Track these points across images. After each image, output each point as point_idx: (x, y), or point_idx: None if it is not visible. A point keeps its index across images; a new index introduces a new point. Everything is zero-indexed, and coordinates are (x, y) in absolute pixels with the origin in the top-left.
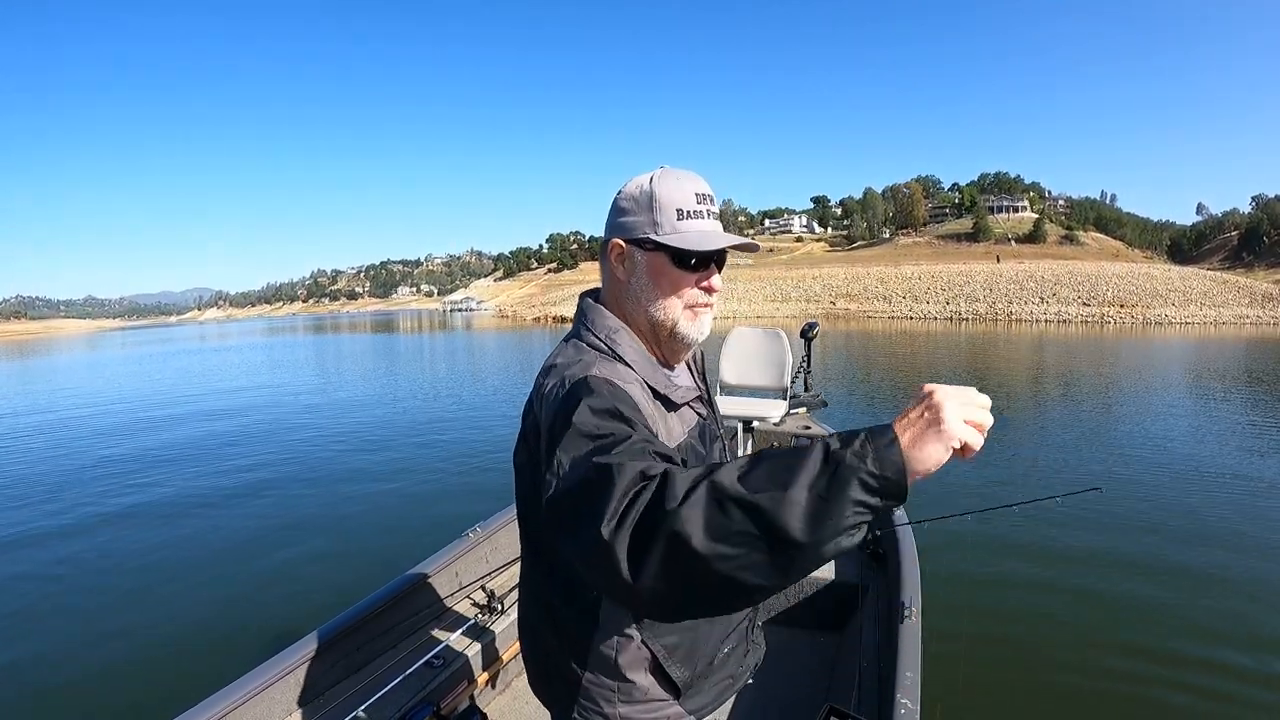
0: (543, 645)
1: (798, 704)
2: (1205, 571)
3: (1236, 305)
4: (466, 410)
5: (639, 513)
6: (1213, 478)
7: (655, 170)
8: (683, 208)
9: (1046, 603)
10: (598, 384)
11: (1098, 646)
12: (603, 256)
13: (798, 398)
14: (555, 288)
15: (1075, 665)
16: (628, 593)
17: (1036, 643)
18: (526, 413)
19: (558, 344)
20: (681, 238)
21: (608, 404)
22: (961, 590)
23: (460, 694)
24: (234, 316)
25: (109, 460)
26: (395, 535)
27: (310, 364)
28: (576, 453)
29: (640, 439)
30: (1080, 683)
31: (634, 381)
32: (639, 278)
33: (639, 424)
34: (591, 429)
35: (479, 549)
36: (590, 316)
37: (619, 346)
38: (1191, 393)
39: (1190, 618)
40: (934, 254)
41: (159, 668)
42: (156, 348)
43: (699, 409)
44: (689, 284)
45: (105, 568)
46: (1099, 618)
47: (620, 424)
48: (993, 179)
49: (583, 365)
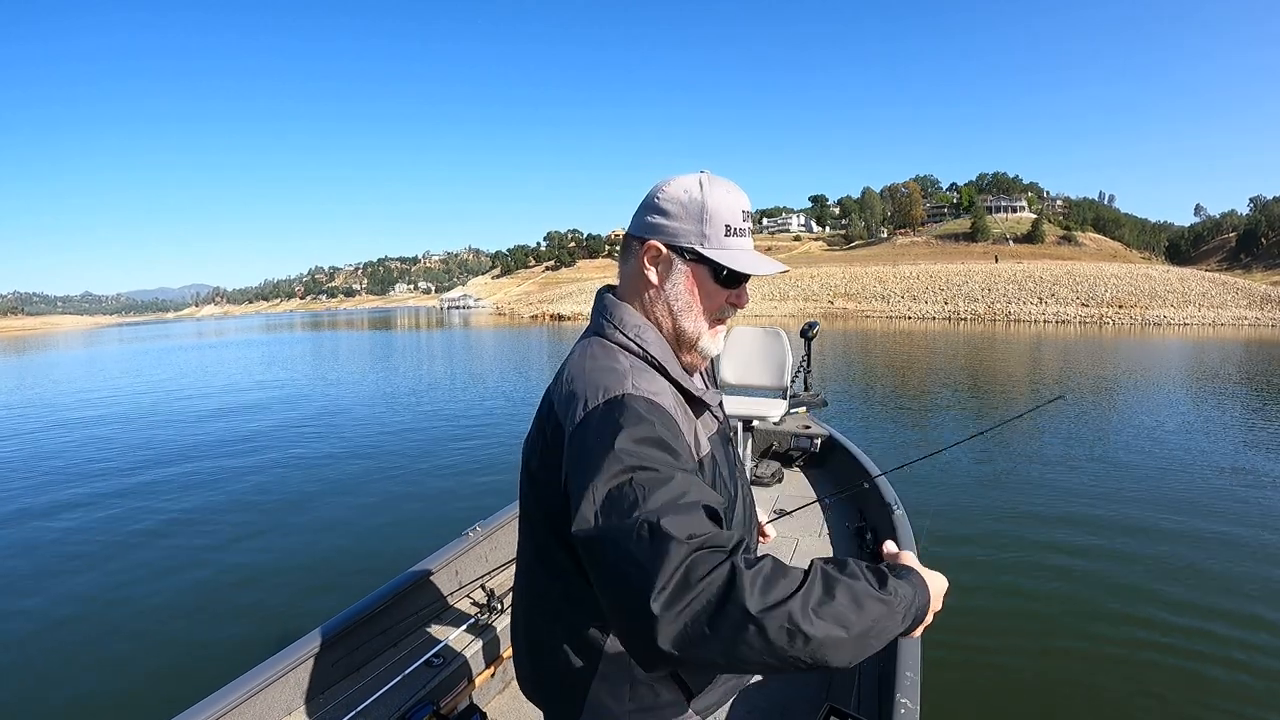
0: (544, 646)
1: (798, 704)
2: (1212, 568)
3: (1235, 307)
4: (465, 409)
5: (699, 604)
6: (1218, 473)
7: (699, 175)
8: (731, 224)
9: (1047, 602)
10: (637, 402)
11: (1099, 646)
12: (628, 253)
13: (798, 397)
14: (553, 285)
15: (1076, 665)
16: (650, 656)
17: (1037, 642)
18: (546, 412)
19: (578, 340)
20: (731, 256)
21: (651, 431)
22: (962, 590)
23: (460, 694)
24: (231, 313)
25: (107, 459)
26: (395, 535)
27: (308, 361)
28: (620, 490)
29: (687, 484)
30: (1081, 682)
31: (667, 391)
32: (675, 285)
33: (683, 453)
34: (635, 462)
35: (479, 548)
36: (615, 313)
37: (648, 345)
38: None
39: (1198, 614)
40: (932, 254)
41: (159, 667)
42: (154, 344)
43: (717, 413)
44: (722, 299)
45: (105, 567)
46: (1100, 617)
47: (665, 455)
48: (991, 179)
49: (617, 375)
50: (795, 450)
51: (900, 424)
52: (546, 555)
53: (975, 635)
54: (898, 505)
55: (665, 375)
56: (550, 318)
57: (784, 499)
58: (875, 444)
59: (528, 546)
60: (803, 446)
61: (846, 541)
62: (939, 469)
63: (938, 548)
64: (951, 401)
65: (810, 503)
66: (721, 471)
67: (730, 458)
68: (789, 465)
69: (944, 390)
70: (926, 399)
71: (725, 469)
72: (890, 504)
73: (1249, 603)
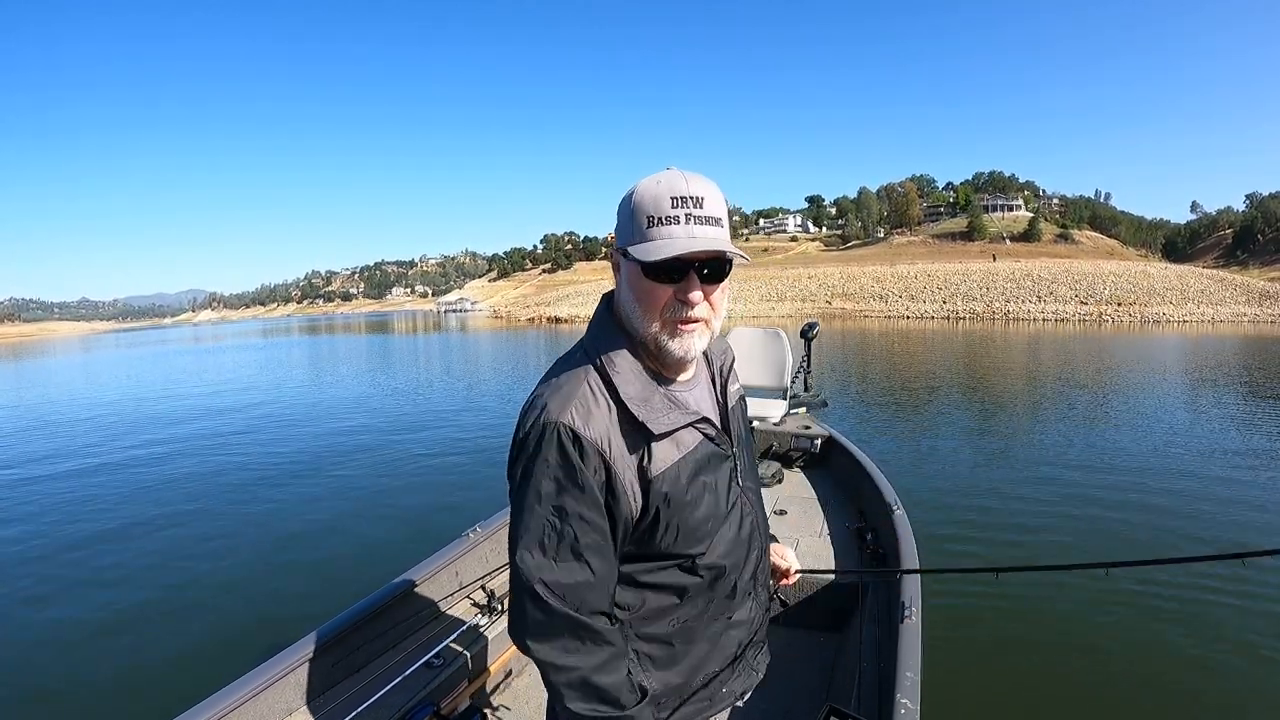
0: None
1: (798, 704)
2: (1212, 568)
3: (1234, 303)
4: (465, 410)
5: (552, 649)
6: (1225, 478)
7: (664, 172)
8: (653, 214)
9: (1046, 602)
10: (564, 436)
11: (1099, 646)
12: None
13: (798, 397)
14: (549, 288)
15: (1076, 664)
16: (519, 643)
17: (1037, 642)
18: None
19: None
20: (644, 248)
21: (569, 469)
22: (962, 590)
23: (460, 694)
24: (228, 318)
25: (107, 464)
26: (395, 535)
27: (306, 365)
28: (526, 524)
29: (588, 542)
30: (1081, 682)
31: (607, 418)
32: (623, 289)
33: (598, 498)
34: (546, 496)
35: (479, 549)
36: (595, 323)
37: (611, 365)
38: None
39: (1199, 614)
40: (929, 253)
41: (159, 668)
42: (150, 349)
43: (705, 429)
44: (665, 296)
45: (105, 568)
46: (1100, 617)
47: (576, 502)
48: (987, 178)
49: (562, 398)
50: (795, 451)
51: (900, 424)
52: None
53: (975, 635)
54: (898, 505)
55: (616, 397)
56: (547, 320)
57: (784, 499)
58: (875, 444)
59: None
60: (803, 447)
61: (846, 542)
62: (939, 469)
63: (938, 548)
64: (953, 400)
65: (810, 503)
66: (693, 489)
67: (726, 475)
68: (789, 465)
69: (944, 390)
70: (927, 399)
71: (707, 487)
72: (890, 504)
73: (1252, 602)
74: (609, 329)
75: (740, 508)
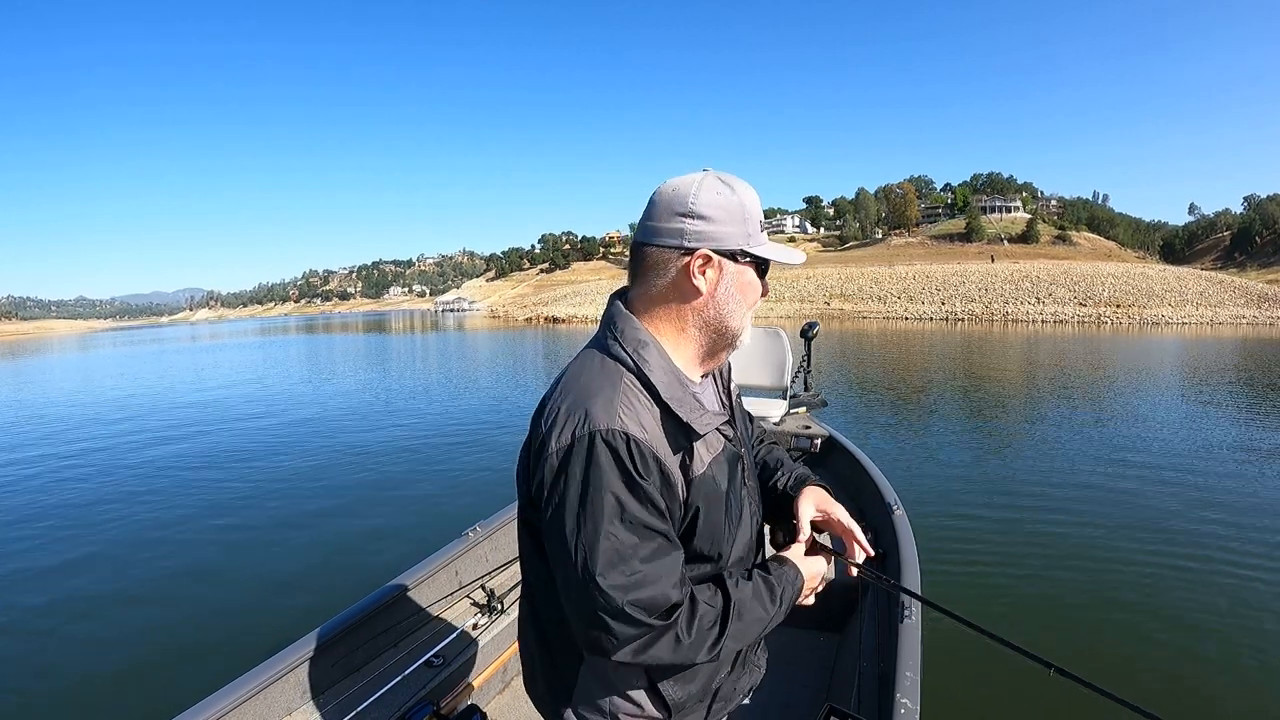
0: (538, 648)
1: (798, 704)
2: (1213, 568)
3: (1233, 305)
4: (463, 410)
5: (650, 654)
6: (1217, 481)
7: (707, 174)
8: (761, 220)
9: (1047, 602)
10: (617, 442)
11: (1099, 646)
12: (662, 267)
13: (798, 397)
14: (547, 288)
15: (1076, 665)
16: (604, 659)
17: (1037, 642)
18: (537, 419)
19: (583, 348)
20: (774, 250)
21: (628, 478)
22: (961, 589)
23: (460, 694)
24: (225, 317)
25: (108, 463)
26: (395, 535)
27: (304, 365)
28: (598, 546)
29: (657, 546)
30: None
31: (653, 419)
32: (727, 289)
33: (648, 496)
34: (611, 512)
35: (479, 549)
36: (619, 325)
37: (646, 365)
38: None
39: (1199, 614)
40: (927, 254)
41: (159, 667)
42: (148, 348)
43: (725, 430)
44: (759, 293)
45: (105, 569)
46: (1100, 617)
47: (642, 510)
48: (985, 179)
49: (602, 400)
50: (795, 450)
51: (900, 424)
52: (536, 558)
53: (975, 635)
54: (898, 505)
55: (657, 398)
56: (544, 320)
57: None
58: (875, 444)
59: (527, 545)
60: (803, 446)
61: None
62: (939, 470)
63: (937, 548)
64: (952, 401)
65: None
66: (723, 491)
67: (739, 476)
68: None
69: (943, 390)
70: (926, 399)
71: (729, 488)
72: (890, 504)
73: (1254, 599)
74: (635, 328)
75: (749, 507)
